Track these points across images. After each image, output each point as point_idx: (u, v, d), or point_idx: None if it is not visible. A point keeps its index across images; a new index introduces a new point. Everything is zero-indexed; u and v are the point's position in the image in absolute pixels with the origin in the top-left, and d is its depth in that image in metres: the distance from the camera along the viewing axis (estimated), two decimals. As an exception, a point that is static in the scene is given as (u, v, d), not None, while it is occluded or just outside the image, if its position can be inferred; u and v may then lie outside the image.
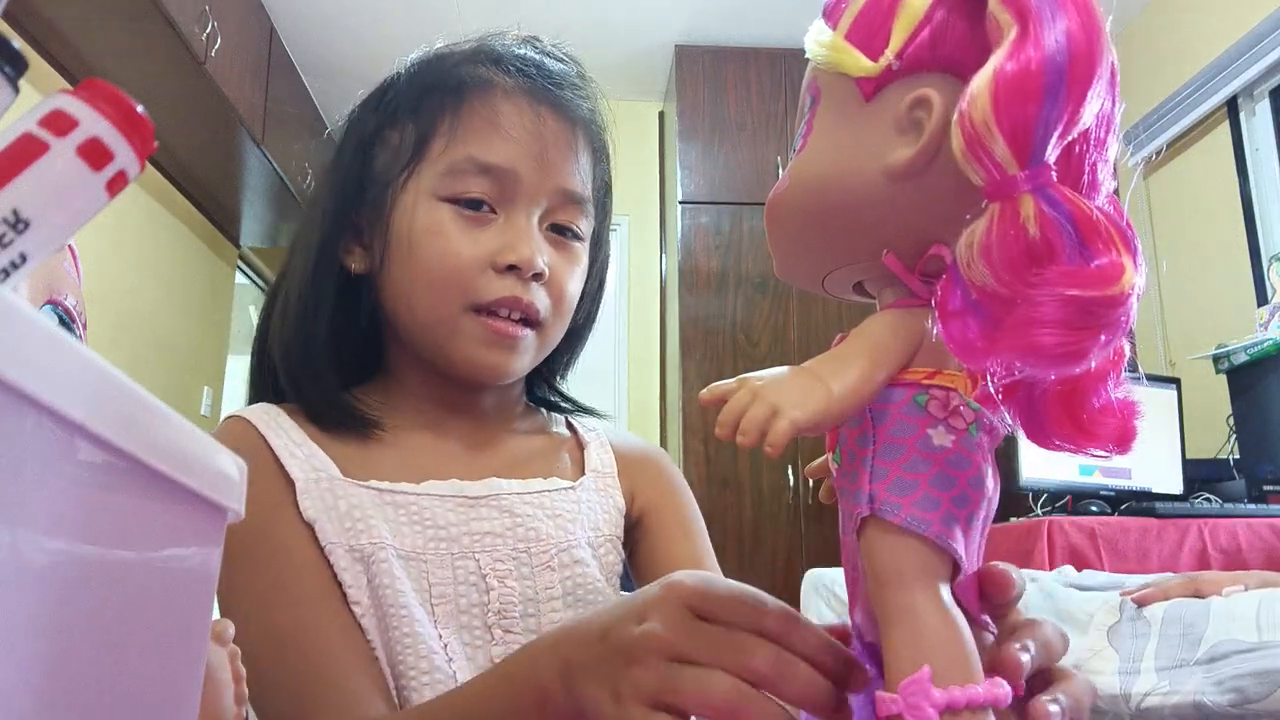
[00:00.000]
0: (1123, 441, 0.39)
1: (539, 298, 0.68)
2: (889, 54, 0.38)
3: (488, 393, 0.73)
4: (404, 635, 0.61)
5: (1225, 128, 2.86)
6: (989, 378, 0.37)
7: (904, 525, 0.37)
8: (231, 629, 0.43)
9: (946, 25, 0.38)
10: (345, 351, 0.72)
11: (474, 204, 0.67)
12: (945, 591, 0.37)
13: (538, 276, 0.67)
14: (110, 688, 0.24)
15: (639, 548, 0.76)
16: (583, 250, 0.73)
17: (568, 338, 0.76)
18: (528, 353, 0.69)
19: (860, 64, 0.39)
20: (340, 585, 0.62)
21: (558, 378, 0.81)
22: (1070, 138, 0.35)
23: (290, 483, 0.64)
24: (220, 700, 0.40)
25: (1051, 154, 0.34)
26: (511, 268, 0.66)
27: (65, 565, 0.21)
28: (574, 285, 0.72)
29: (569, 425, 0.81)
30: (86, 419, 0.21)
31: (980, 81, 0.33)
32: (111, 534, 0.23)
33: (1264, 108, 2.80)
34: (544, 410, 0.81)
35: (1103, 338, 0.34)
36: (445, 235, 0.67)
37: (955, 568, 0.38)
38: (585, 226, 0.73)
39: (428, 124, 0.69)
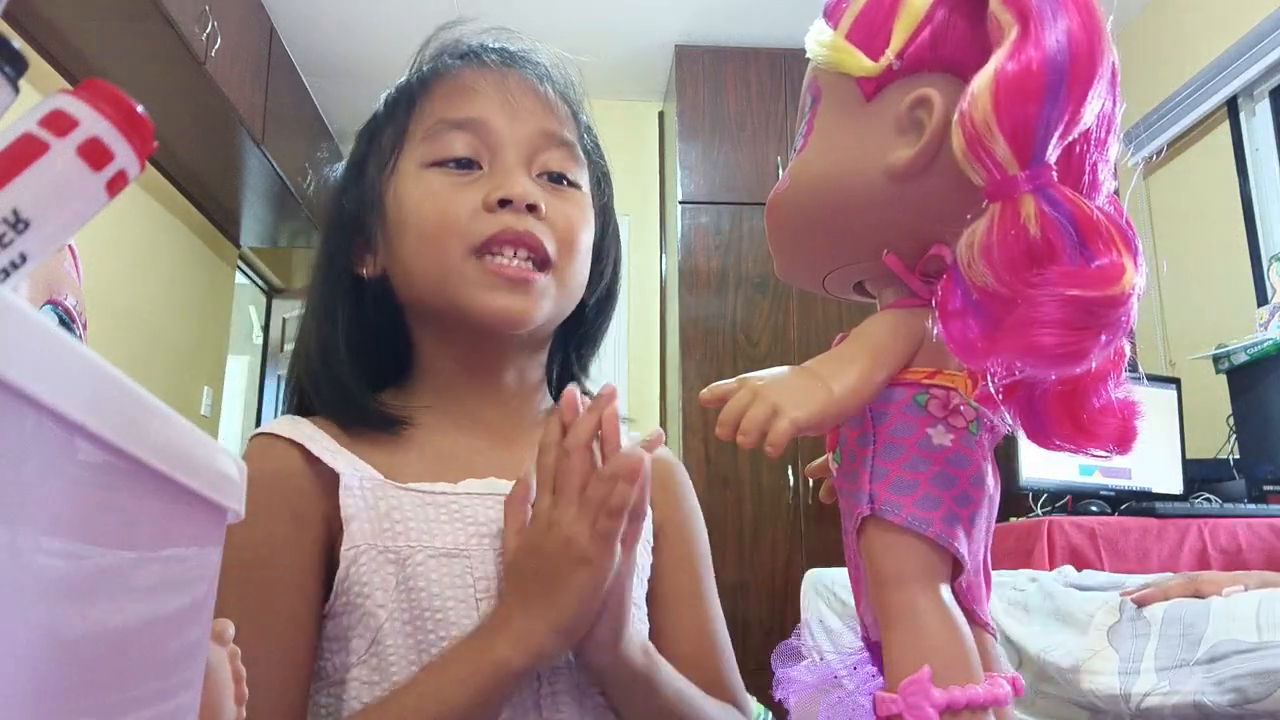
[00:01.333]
0: (1123, 441, 0.39)
1: (540, 231, 0.66)
2: (889, 54, 0.38)
3: (509, 366, 0.72)
4: (440, 639, 0.61)
5: (1225, 128, 2.86)
6: (989, 378, 0.37)
7: (905, 525, 0.37)
8: (231, 629, 0.43)
9: (947, 25, 0.38)
10: (368, 355, 0.72)
11: (460, 164, 0.68)
12: (945, 591, 0.37)
13: (533, 209, 0.66)
14: (110, 687, 0.24)
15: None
16: (583, 198, 0.72)
17: (596, 309, 0.76)
18: (546, 295, 0.67)
19: (861, 64, 0.39)
20: (316, 620, 0.63)
21: (588, 359, 0.80)
22: (1071, 138, 0.35)
23: (332, 480, 0.64)
24: (220, 700, 0.40)
25: (1052, 154, 0.34)
26: (504, 203, 0.65)
27: (65, 565, 0.21)
28: (581, 226, 0.70)
29: None
30: (86, 419, 0.21)
31: (981, 81, 0.33)
32: (111, 534, 0.23)
33: (1264, 108, 2.80)
34: None
35: (1103, 338, 0.34)
36: (436, 194, 0.67)
37: (956, 567, 0.38)
38: (579, 174, 0.72)
39: (402, 119, 0.71)
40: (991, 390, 0.37)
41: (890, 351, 0.38)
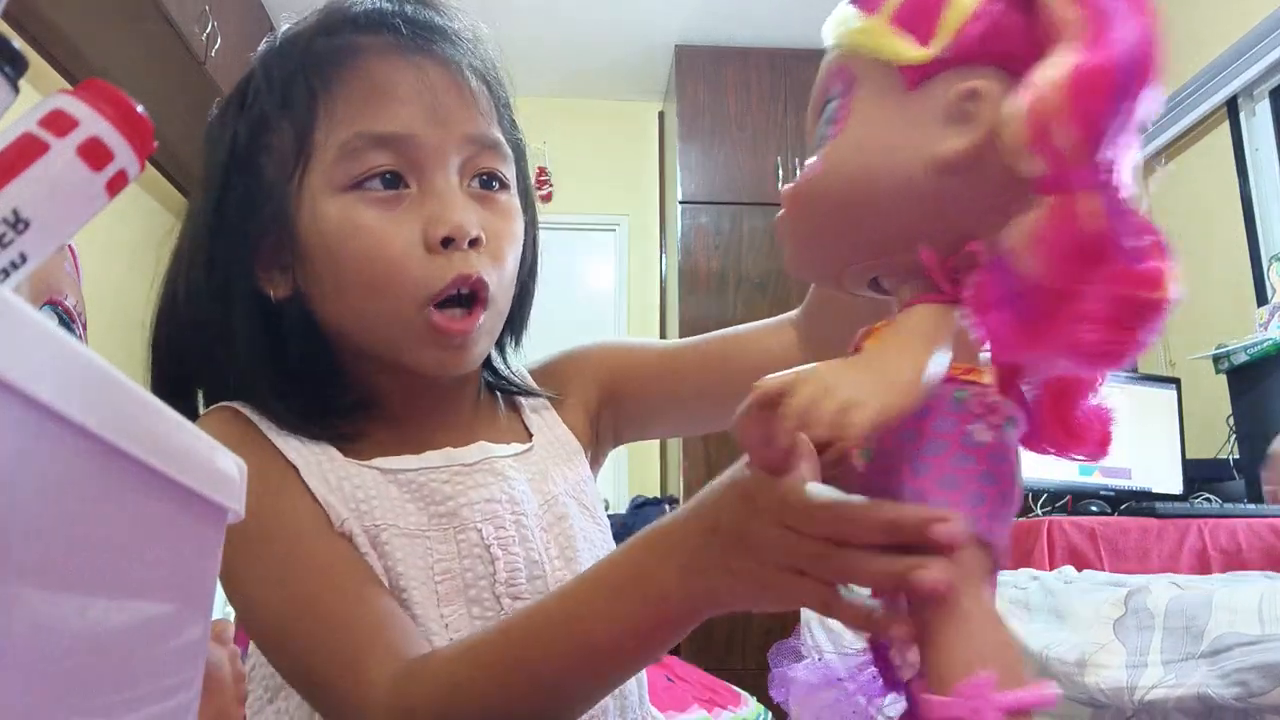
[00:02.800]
0: (1103, 445, 0.40)
1: (484, 267, 0.62)
2: (939, 43, 0.38)
3: (446, 381, 0.69)
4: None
5: (1225, 128, 2.86)
6: (1016, 374, 0.37)
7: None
8: (231, 629, 0.43)
9: (998, 18, 0.37)
10: (285, 373, 0.65)
11: (385, 180, 0.61)
12: (988, 590, 0.37)
13: (474, 243, 0.62)
14: (110, 687, 0.24)
15: (632, 399, 0.77)
16: (512, 201, 0.67)
17: (517, 298, 0.72)
18: (481, 338, 0.65)
19: (908, 52, 0.38)
20: (355, 551, 0.60)
21: (508, 349, 0.76)
22: (1124, 137, 0.35)
23: (289, 466, 0.62)
24: (220, 700, 0.40)
25: (1108, 152, 0.34)
26: (446, 241, 0.61)
27: (64, 565, 0.21)
28: (513, 244, 0.66)
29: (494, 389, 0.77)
30: (86, 419, 0.21)
31: (1054, 75, 0.33)
32: (111, 534, 0.23)
33: (1264, 108, 2.80)
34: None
35: (1140, 338, 0.34)
36: (363, 229, 0.60)
37: (994, 566, 0.38)
38: (508, 172, 0.67)
39: (302, 116, 0.62)
40: (1021, 389, 0.38)
41: (939, 344, 0.38)
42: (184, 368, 0.67)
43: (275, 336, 0.65)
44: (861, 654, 0.43)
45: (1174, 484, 2.24)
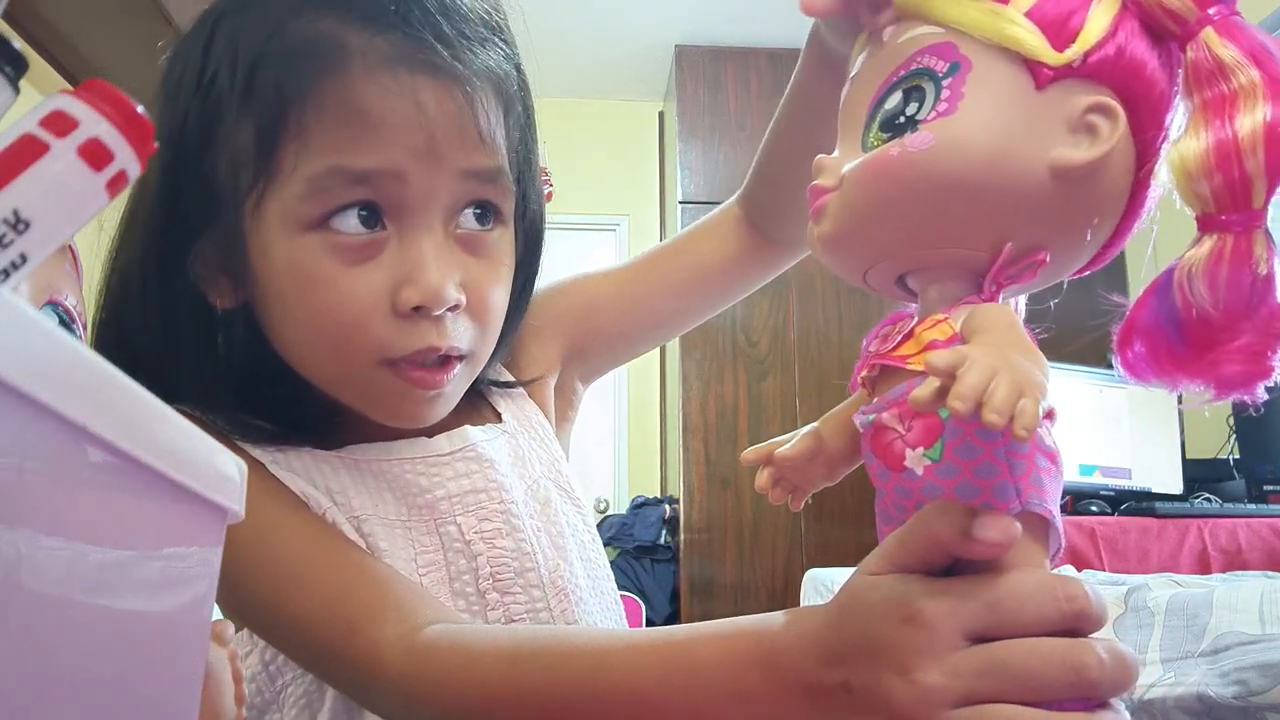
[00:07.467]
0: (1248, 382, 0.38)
1: (459, 332, 0.56)
2: (1076, 50, 0.37)
3: None
4: None
5: (1225, 127, 2.86)
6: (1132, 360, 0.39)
7: (1051, 521, 0.37)
8: (231, 629, 0.43)
9: (1133, 45, 0.38)
10: (246, 379, 0.60)
11: (360, 217, 0.53)
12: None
13: (453, 308, 0.55)
14: (110, 688, 0.24)
15: (599, 338, 0.76)
16: (505, 235, 0.60)
17: (508, 325, 0.65)
18: (457, 387, 0.60)
19: (1046, 50, 0.38)
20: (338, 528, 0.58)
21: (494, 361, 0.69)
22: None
23: (253, 459, 0.58)
24: (220, 700, 0.40)
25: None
26: (418, 308, 0.54)
27: (65, 565, 0.21)
28: (500, 291, 0.60)
29: None
30: (87, 420, 0.21)
31: (1254, 124, 0.35)
32: (111, 534, 0.23)
33: (1264, 107, 2.80)
34: None
35: (1273, 373, 0.36)
36: (323, 281, 0.53)
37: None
38: (508, 201, 0.59)
39: (268, 122, 0.52)
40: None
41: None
42: (129, 365, 0.61)
43: (225, 344, 0.59)
44: None
45: (1174, 484, 2.24)
